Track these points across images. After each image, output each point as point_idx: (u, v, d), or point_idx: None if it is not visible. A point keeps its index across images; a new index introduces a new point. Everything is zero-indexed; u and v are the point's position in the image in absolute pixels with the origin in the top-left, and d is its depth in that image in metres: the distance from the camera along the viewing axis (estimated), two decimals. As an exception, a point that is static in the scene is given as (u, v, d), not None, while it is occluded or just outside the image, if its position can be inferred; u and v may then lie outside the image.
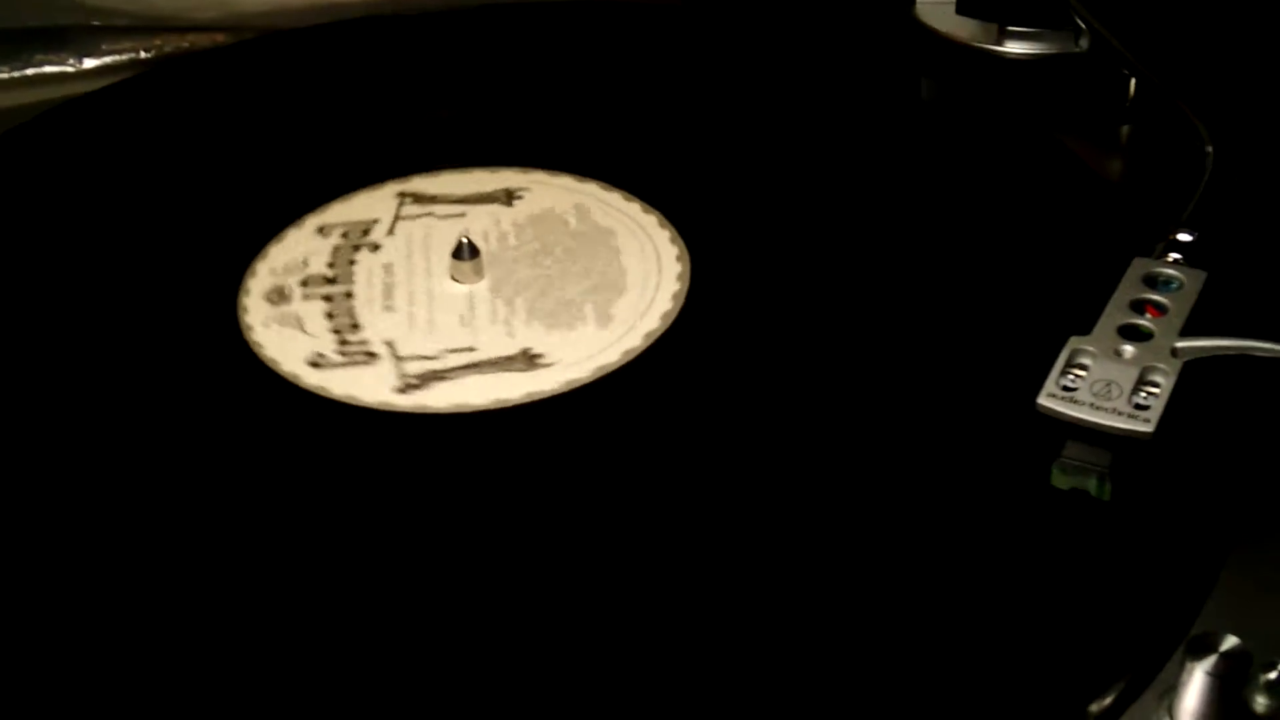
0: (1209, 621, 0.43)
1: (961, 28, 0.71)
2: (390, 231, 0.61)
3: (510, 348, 0.54)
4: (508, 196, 0.62)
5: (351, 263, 0.59)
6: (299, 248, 0.60)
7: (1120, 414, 0.46)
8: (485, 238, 0.60)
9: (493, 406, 0.51)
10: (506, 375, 0.53)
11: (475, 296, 0.57)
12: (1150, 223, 0.55)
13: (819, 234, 0.60)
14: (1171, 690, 0.41)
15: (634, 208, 0.61)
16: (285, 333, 0.55)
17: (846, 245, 0.60)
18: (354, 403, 0.52)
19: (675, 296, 0.56)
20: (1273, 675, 0.41)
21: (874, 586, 0.45)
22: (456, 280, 0.57)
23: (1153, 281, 0.51)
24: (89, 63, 0.77)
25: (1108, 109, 0.68)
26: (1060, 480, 0.46)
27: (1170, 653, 0.42)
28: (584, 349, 0.54)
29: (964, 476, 0.49)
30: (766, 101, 0.70)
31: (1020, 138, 0.65)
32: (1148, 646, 0.43)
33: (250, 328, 0.56)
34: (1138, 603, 0.44)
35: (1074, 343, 0.48)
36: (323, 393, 0.52)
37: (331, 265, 0.59)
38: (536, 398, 0.52)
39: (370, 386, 0.52)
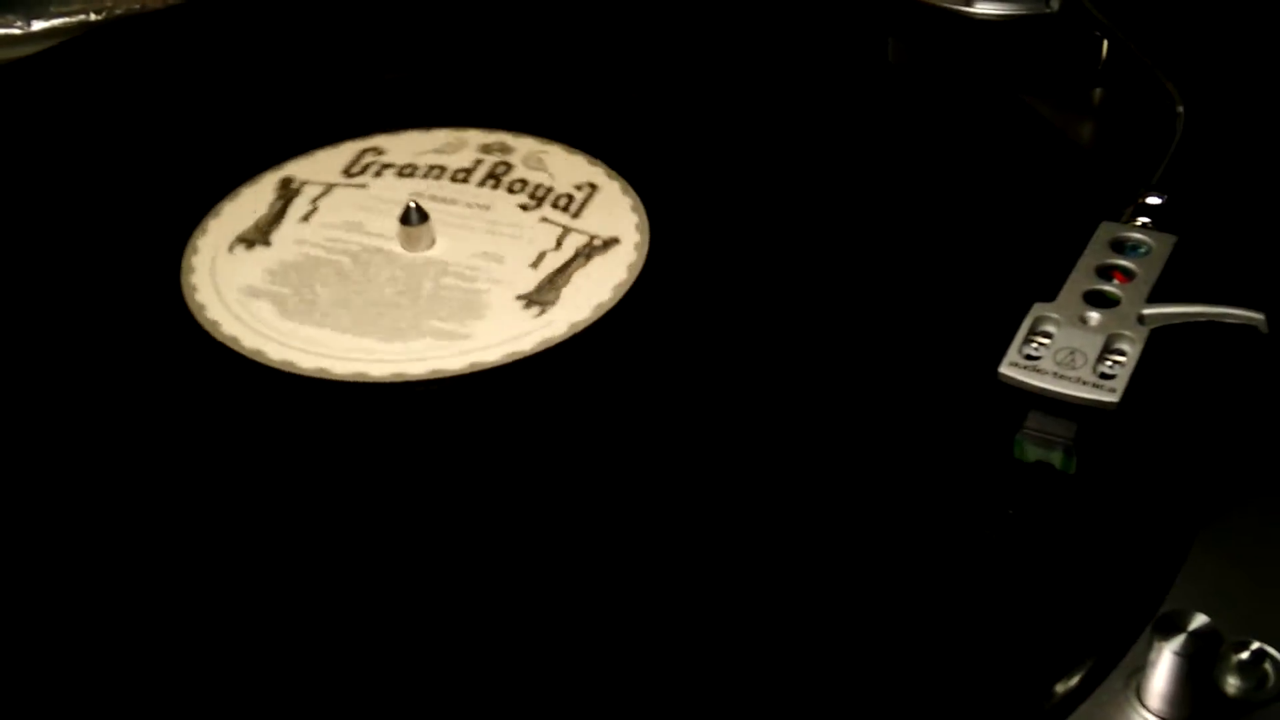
0: (1178, 600, 0.42)
1: (930, -12, 0.70)
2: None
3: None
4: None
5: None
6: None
7: (1085, 383, 0.45)
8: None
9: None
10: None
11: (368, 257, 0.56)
12: (1119, 186, 0.54)
13: (780, 198, 0.59)
14: (1139, 671, 0.40)
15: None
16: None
17: (808, 209, 0.58)
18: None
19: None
20: (1244, 656, 0.40)
21: (832, 564, 0.44)
22: (404, 246, 0.56)
23: (1120, 246, 0.49)
24: (37, 25, 0.75)
25: (1079, 72, 0.67)
26: (1023, 453, 0.45)
27: (1138, 633, 0.41)
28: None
29: (921, 449, 0.48)
30: (731, 63, 0.69)
31: (988, 100, 0.64)
32: (1114, 626, 0.42)
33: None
34: (1104, 581, 0.43)
35: (1038, 309, 0.47)
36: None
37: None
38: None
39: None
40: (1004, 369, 0.45)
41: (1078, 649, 0.41)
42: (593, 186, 0.60)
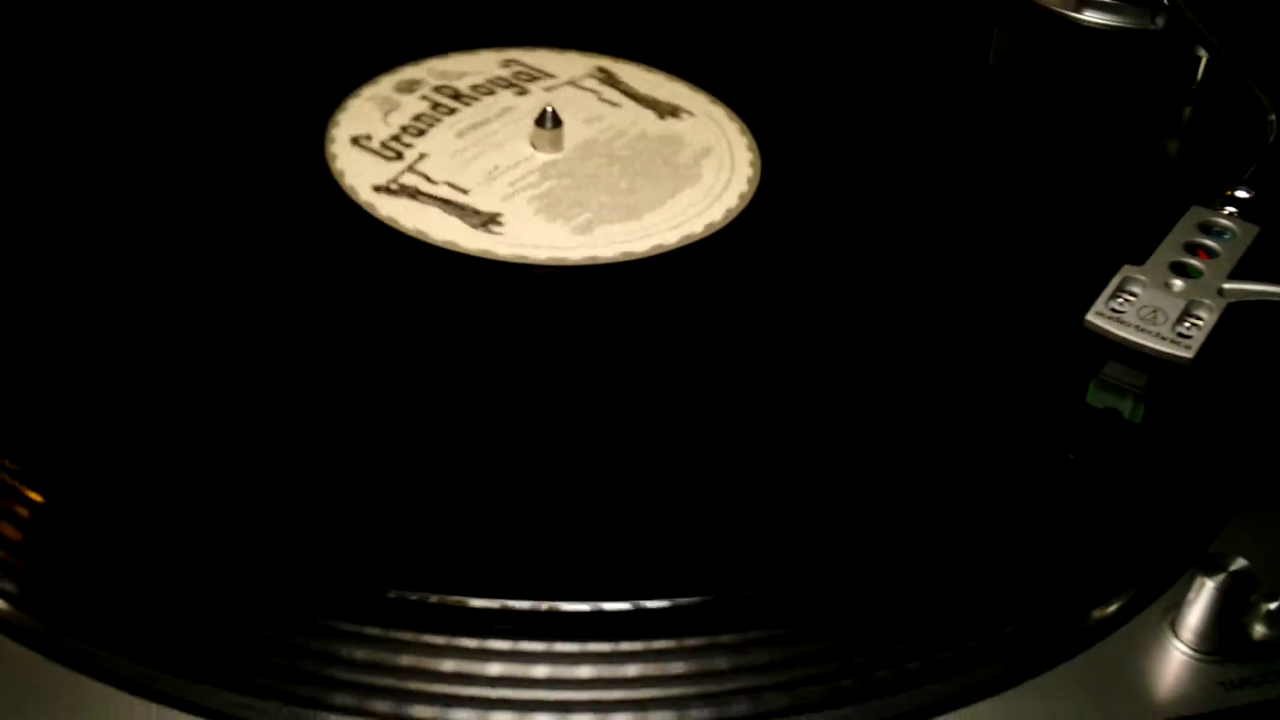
0: (1223, 547, 0.44)
1: (1044, -10, 0.73)
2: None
3: (488, 206, 0.56)
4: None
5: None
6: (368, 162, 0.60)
7: (1164, 339, 0.47)
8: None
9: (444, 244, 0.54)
10: (458, 222, 0.55)
11: (531, 161, 0.58)
12: (1212, 180, 0.56)
13: (902, 151, 0.62)
14: (1175, 608, 0.43)
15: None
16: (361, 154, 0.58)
17: (934, 165, 0.62)
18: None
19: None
20: (1273, 606, 0.43)
21: (904, 476, 0.47)
22: (534, 146, 0.58)
23: (1208, 229, 0.52)
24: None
25: (1175, 88, 0.69)
26: (1096, 398, 0.48)
27: (1179, 574, 0.44)
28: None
29: (1003, 383, 0.50)
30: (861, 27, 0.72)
31: (1097, 100, 0.67)
32: (1158, 565, 0.45)
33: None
34: (1155, 524, 0.46)
35: (1127, 270, 0.50)
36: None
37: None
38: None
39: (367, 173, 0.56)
40: (1091, 317, 0.48)
41: (1119, 580, 0.44)
42: (605, 71, 0.64)
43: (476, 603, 0.40)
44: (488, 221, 0.55)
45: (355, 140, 0.58)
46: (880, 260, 0.56)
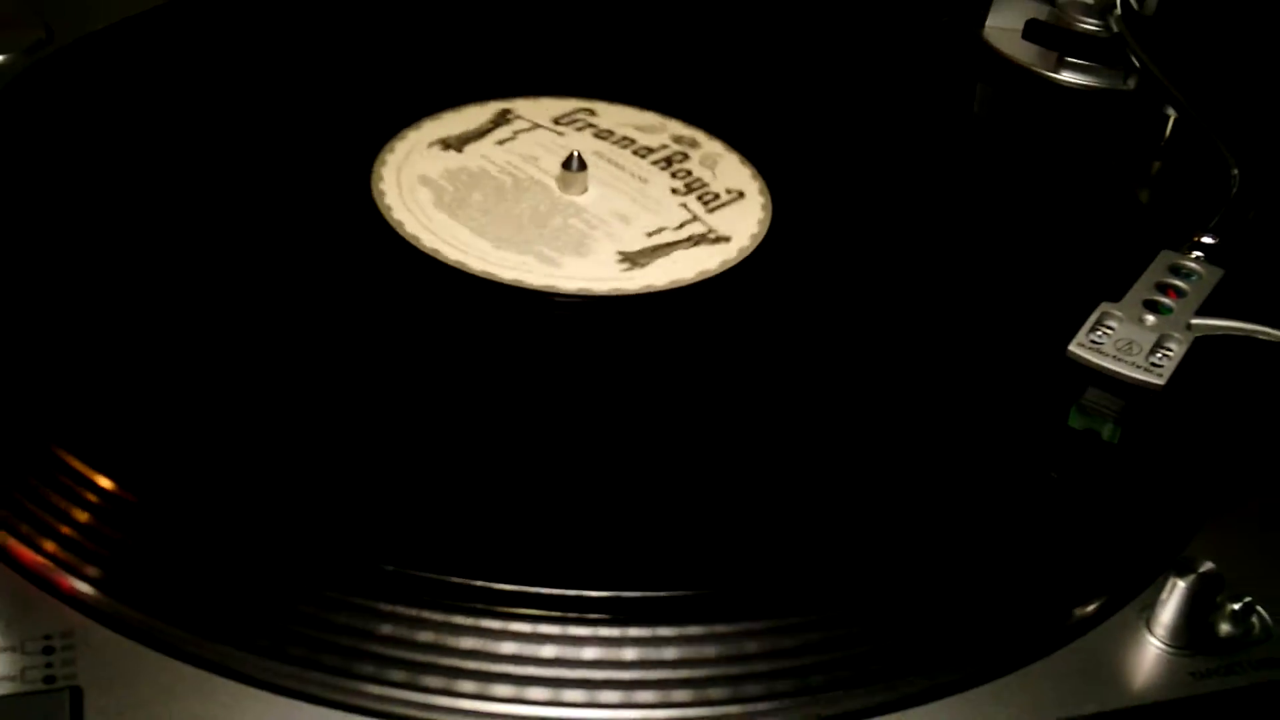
0: (1193, 553, 0.48)
1: (1023, 52, 0.77)
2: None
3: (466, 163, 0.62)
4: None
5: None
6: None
7: (1138, 367, 0.51)
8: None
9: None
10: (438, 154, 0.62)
11: (530, 179, 0.63)
12: (1181, 227, 0.60)
13: (899, 198, 0.66)
14: (1150, 607, 0.47)
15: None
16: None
17: (925, 213, 0.65)
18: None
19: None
20: (1237, 607, 0.47)
21: (904, 487, 0.50)
22: (560, 188, 0.63)
23: (1176, 270, 0.56)
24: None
25: (1145, 144, 0.73)
26: (1077, 421, 0.52)
27: (1153, 577, 0.48)
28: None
29: (992, 407, 0.54)
30: (859, 73, 0.76)
31: (1075, 153, 0.71)
32: (1134, 568, 0.49)
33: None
34: (1130, 533, 0.50)
35: (1105, 306, 0.54)
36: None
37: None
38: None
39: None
40: (1073, 347, 0.52)
41: (1098, 584, 0.48)
42: (741, 194, 0.65)
43: (559, 591, 0.44)
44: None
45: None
46: (885, 295, 0.59)
